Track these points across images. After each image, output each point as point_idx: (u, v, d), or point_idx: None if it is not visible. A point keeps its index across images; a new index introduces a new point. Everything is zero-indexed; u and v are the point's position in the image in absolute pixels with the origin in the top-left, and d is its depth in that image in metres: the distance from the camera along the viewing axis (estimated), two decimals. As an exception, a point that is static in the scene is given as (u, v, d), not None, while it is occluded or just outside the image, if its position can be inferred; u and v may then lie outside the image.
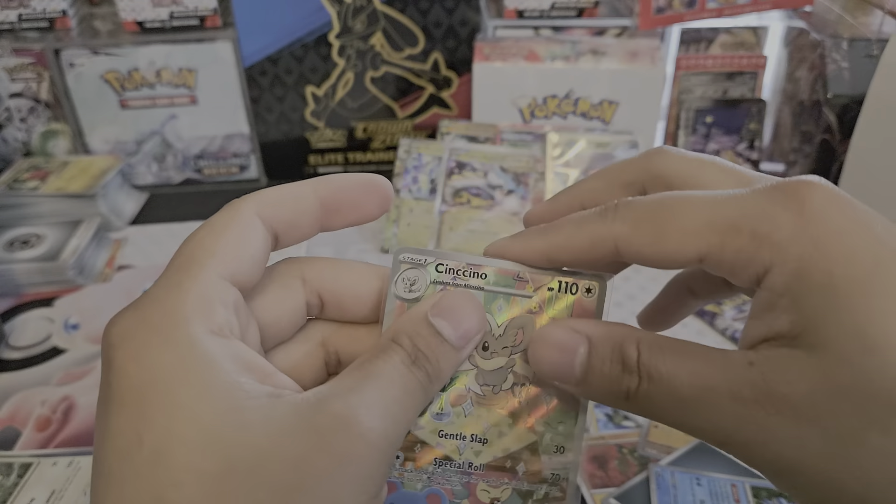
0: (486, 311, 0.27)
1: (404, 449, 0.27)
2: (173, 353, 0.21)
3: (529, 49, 0.73)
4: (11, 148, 0.82)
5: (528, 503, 0.28)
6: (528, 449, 0.28)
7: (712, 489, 0.43)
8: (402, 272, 0.27)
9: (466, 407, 0.27)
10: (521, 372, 0.27)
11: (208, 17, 0.77)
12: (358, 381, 0.23)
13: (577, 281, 0.28)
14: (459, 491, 0.28)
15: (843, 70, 0.64)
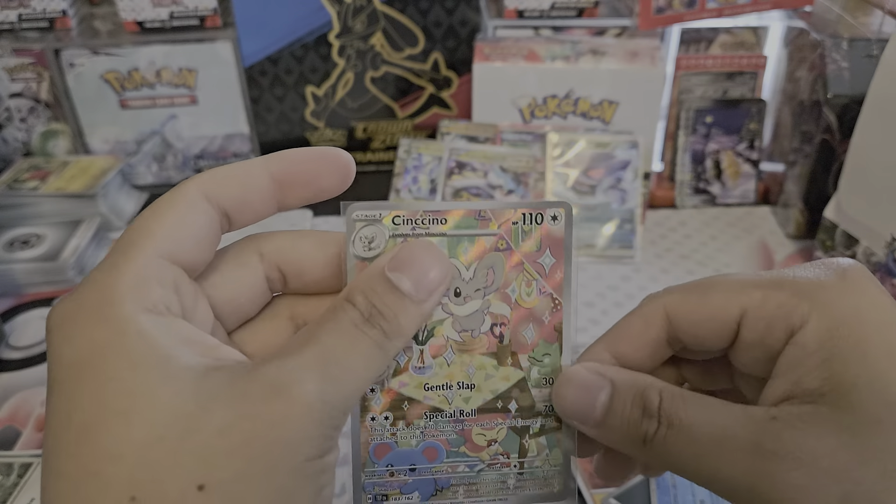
0: (452, 256, 0.26)
1: (392, 409, 0.27)
2: (105, 331, 0.21)
3: (529, 49, 0.73)
4: (11, 148, 0.82)
5: (525, 438, 0.28)
6: (517, 386, 0.28)
7: (712, 489, 0.43)
8: (359, 231, 0.26)
9: (448, 356, 0.27)
10: (497, 311, 0.27)
11: (208, 17, 0.77)
12: (300, 345, 0.23)
13: (541, 210, 0.27)
14: (455, 439, 0.28)
15: (843, 70, 0.64)
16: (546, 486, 0.28)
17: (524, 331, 0.27)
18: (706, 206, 0.78)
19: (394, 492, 0.27)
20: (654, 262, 0.69)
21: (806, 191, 0.69)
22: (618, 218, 0.69)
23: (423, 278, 0.25)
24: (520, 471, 0.28)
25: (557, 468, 0.28)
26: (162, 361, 0.21)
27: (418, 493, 0.27)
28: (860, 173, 0.59)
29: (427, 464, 0.27)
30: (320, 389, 0.22)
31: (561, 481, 0.28)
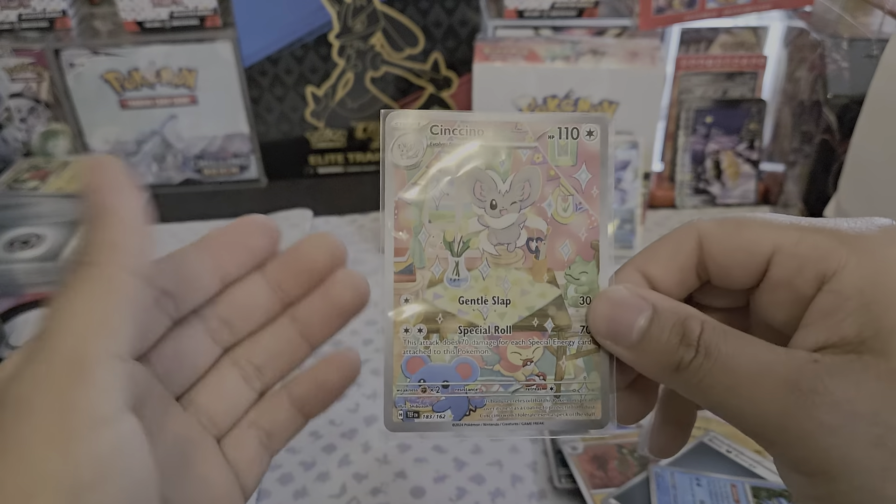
0: (489, 168, 0.26)
1: (426, 321, 0.26)
2: None
3: (529, 49, 0.73)
4: (11, 148, 0.82)
5: (561, 359, 0.27)
6: (554, 304, 0.27)
7: (712, 489, 0.43)
8: (397, 139, 0.26)
9: (483, 269, 0.27)
10: (533, 226, 0.27)
11: (208, 17, 0.77)
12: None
13: (577, 125, 0.27)
14: (489, 357, 0.27)
15: (843, 70, 0.64)
16: (584, 412, 0.27)
17: (560, 247, 0.27)
18: (706, 207, 0.78)
19: (426, 409, 0.27)
20: (654, 262, 0.69)
21: (806, 191, 0.69)
22: (618, 218, 0.69)
23: (99, 186, 0.23)
24: (556, 393, 0.27)
25: (595, 393, 0.27)
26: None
27: (451, 412, 0.27)
28: (860, 173, 0.59)
29: (460, 381, 0.27)
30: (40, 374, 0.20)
31: (600, 407, 0.27)
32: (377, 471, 0.47)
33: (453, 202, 0.27)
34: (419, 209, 0.27)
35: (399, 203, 0.26)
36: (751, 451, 0.46)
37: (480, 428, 0.27)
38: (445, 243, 0.27)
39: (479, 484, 0.46)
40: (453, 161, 0.27)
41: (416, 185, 0.26)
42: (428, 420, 0.27)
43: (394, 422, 0.27)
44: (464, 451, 0.49)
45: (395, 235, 0.26)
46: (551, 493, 0.46)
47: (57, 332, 0.20)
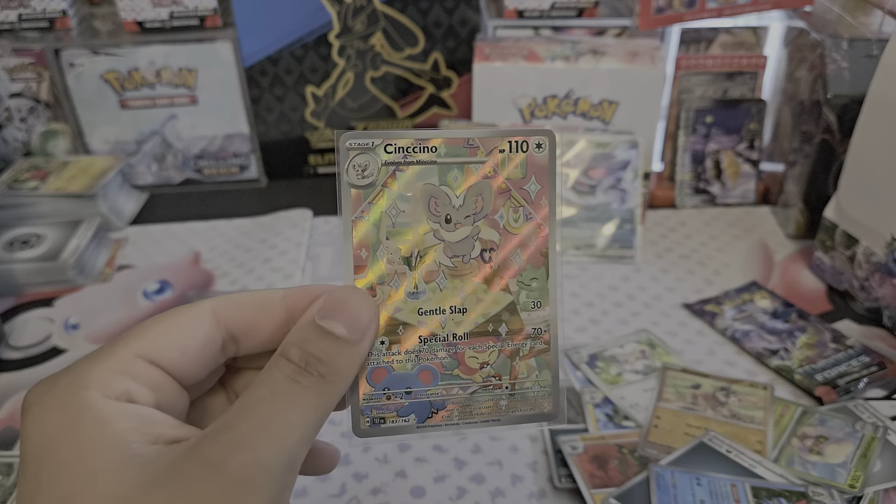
0: (443, 184, 0.28)
1: (387, 333, 0.28)
2: (66, 415, 0.22)
3: (529, 49, 0.73)
4: (11, 148, 0.82)
5: (515, 361, 0.29)
6: (507, 310, 0.29)
7: (712, 489, 0.43)
8: (352, 159, 0.27)
9: (440, 281, 0.28)
10: (486, 237, 0.28)
11: (208, 17, 0.77)
12: (236, 416, 0.23)
13: (526, 138, 0.28)
14: (449, 362, 0.28)
15: (843, 70, 0.64)
16: (536, 407, 0.29)
17: (512, 256, 0.28)
18: (706, 206, 0.78)
19: (391, 415, 0.28)
20: (654, 262, 0.69)
21: (806, 191, 0.69)
22: (618, 218, 0.69)
23: (354, 319, 0.26)
24: (511, 392, 0.29)
25: (547, 389, 0.29)
26: (113, 449, 0.22)
27: (415, 416, 0.28)
28: (860, 173, 0.59)
29: (422, 387, 0.28)
30: (255, 459, 0.22)
31: (551, 402, 0.29)
32: (377, 471, 0.47)
33: (409, 219, 0.28)
34: (376, 227, 0.27)
35: (356, 222, 0.27)
36: (751, 452, 0.46)
37: (443, 428, 0.29)
38: (403, 259, 0.28)
39: (479, 484, 0.46)
40: (408, 179, 0.27)
41: (372, 203, 0.27)
42: (394, 425, 0.28)
43: (361, 428, 0.28)
44: (464, 451, 0.49)
45: (354, 254, 0.27)
46: (551, 493, 0.46)
47: (288, 429, 0.23)
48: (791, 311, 0.61)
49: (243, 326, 0.27)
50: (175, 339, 0.25)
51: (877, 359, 0.55)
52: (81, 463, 0.21)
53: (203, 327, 0.26)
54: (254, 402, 0.24)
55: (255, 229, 0.75)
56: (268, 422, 0.23)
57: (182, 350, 0.25)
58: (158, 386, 0.25)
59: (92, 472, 0.21)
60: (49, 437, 0.22)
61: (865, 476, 0.44)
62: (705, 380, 0.53)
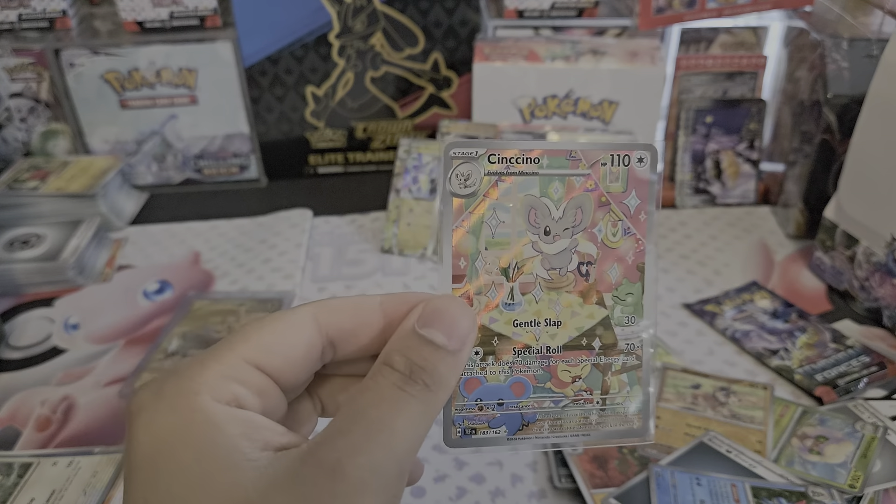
0: (544, 195, 0.27)
1: (482, 344, 0.28)
2: (180, 419, 0.22)
3: (529, 49, 0.73)
4: (11, 148, 0.82)
5: (607, 375, 0.29)
6: (601, 324, 0.28)
7: (712, 489, 0.43)
8: (455, 168, 0.27)
9: (536, 293, 0.28)
10: (584, 250, 0.28)
11: (208, 17, 0.77)
12: (348, 422, 0.23)
13: (628, 152, 0.28)
14: (541, 375, 0.28)
15: (843, 70, 0.64)
16: (626, 423, 0.29)
17: (609, 270, 0.28)
18: (706, 206, 0.78)
19: (482, 426, 0.28)
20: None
21: (806, 191, 0.69)
22: (618, 218, 0.69)
23: (454, 328, 0.26)
24: (602, 407, 0.29)
25: (637, 405, 0.29)
26: (226, 453, 0.22)
27: (505, 427, 0.28)
28: (860, 173, 0.59)
29: (514, 398, 0.28)
30: (371, 463, 0.22)
31: (641, 419, 0.29)
32: (377, 471, 0.47)
33: (509, 229, 0.28)
34: (476, 237, 0.27)
35: (456, 231, 0.27)
36: (751, 452, 0.46)
37: (532, 441, 0.29)
38: (501, 269, 0.28)
39: (479, 483, 0.46)
40: (509, 189, 0.27)
41: (473, 213, 0.27)
42: (484, 436, 0.28)
43: (452, 438, 0.28)
44: (463, 451, 0.49)
45: (454, 262, 0.27)
46: (551, 493, 0.46)
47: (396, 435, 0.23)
48: (791, 311, 0.61)
49: (342, 332, 0.27)
50: (279, 344, 0.25)
51: (877, 359, 0.55)
52: (199, 465, 0.22)
53: (306, 333, 0.26)
54: (363, 409, 0.24)
55: (255, 229, 0.75)
56: (378, 427, 0.23)
57: (286, 356, 0.25)
58: (264, 392, 0.25)
59: (209, 474, 0.21)
60: (163, 440, 0.22)
61: (865, 476, 0.44)
62: (705, 380, 0.53)
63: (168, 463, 0.22)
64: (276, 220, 0.76)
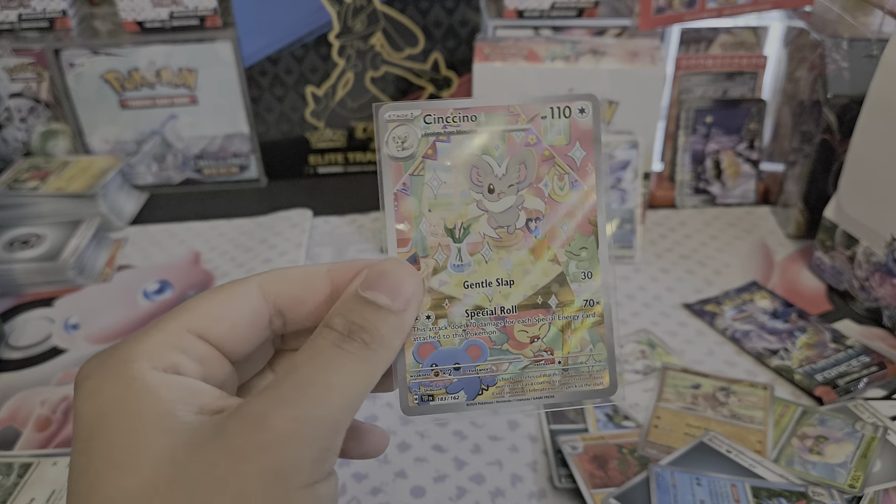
0: (484, 153, 0.27)
1: (433, 307, 0.27)
2: (119, 387, 0.23)
3: (529, 49, 0.73)
4: (11, 148, 0.82)
5: (567, 334, 0.28)
6: (556, 281, 0.28)
7: (712, 489, 0.43)
8: (391, 131, 0.26)
9: (485, 253, 0.27)
10: (531, 206, 0.27)
11: (208, 17, 0.77)
12: (280, 378, 0.24)
13: (569, 104, 0.27)
14: (498, 337, 0.28)
15: (843, 70, 0.64)
16: (592, 383, 0.28)
17: (560, 225, 0.27)
18: (706, 206, 0.78)
19: (439, 391, 0.28)
20: (654, 262, 0.69)
21: (806, 191, 0.69)
22: (618, 218, 0.69)
23: (398, 289, 0.25)
24: (564, 367, 0.28)
25: (602, 363, 0.28)
26: (160, 417, 0.22)
27: (464, 392, 0.28)
28: (860, 173, 0.59)
29: (471, 362, 0.28)
30: (297, 413, 0.22)
31: (608, 377, 0.28)
32: (377, 471, 0.47)
33: (451, 190, 0.27)
34: (418, 199, 0.27)
35: (398, 195, 0.27)
36: (751, 452, 0.46)
37: (493, 405, 0.28)
38: (447, 230, 0.27)
39: (479, 484, 0.46)
40: (448, 149, 0.27)
41: (413, 175, 0.27)
42: (442, 402, 0.28)
43: (410, 406, 0.28)
44: (464, 451, 0.49)
45: (397, 227, 0.27)
46: (551, 493, 0.46)
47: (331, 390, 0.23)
48: (791, 311, 0.61)
49: (289, 301, 0.27)
50: (223, 313, 0.26)
51: (877, 359, 0.55)
52: (134, 430, 0.22)
53: (250, 302, 0.26)
54: (297, 365, 0.24)
55: (255, 229, 0.75)
56: (310, 381, 0.23)
57: (230, 325, 0.26)
58: (206, 360, 0.25)
59: (143, 438, 0.22)
60: (101, 409, 0.23)
61: (865, 476, 0.44)
62: (705, 380, 0.53)
63: (106, 429, 0.22)
64: (276, 220, 0.76)
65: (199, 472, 0.21)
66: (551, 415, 0.51)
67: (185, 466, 0.21)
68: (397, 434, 0.50)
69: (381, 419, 0.51)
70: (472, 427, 0.51)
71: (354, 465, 0.48)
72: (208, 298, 0.26)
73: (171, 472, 0.21)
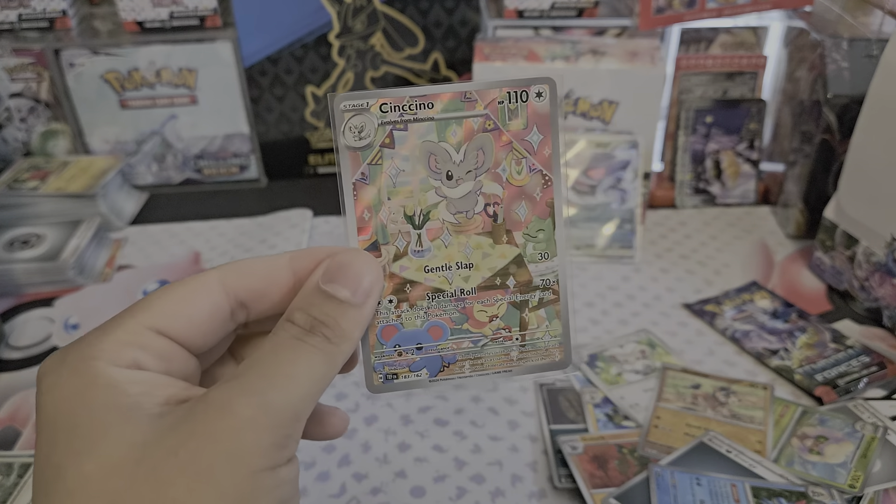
0: (441, 140, 0.27)
1: (395, 292, 0.28)
2: (80, 382, 0.23)
3: (529, 49, 0.73)
4: (11, 148, 0.82)
5: (524, 312, 0.29)
6: (514, 262, 0.28)
7: (712, 489, 0.43)
8: (348, 121, 0.27)
9: (445, 238, 0.28)
10: (489, 191, 0.28)
11: (208, 17, 0.77)
12: (244, 368, 0.24)
13: (525, 87, 0.27)
14: (458, 317, 0.29)
15: (843, 70, 0.64)
16: (548, 356, 0.29)
17: (517, 208, 0.28)
18: (706, 206, 0.78)
19: (403, 370, 0.29)
20: (654, 262, 0.69)
21: (806, 191, 0.69)
22: (618, 218, 0.69)
23: (358, 282, 0.26)
24: (522, 343, 0.29)
25: (557, 339, 0.29)
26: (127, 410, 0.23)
27: (426, 370, 0.29)
28: (860, 173, 0.59)
29: (433, 342, 0.29)
30: (261, 401, 0.23)
31: (562, 351, 0.29)
32: (377, 471, 0.47)
33: (410, 177, 0.27)
34: (377, 188, 0.27)
35: (357, 184, 0.27)
36: (751, 452, 0.46)
37: (455, 381, 0.29)
38: (406, 218, 0.28)
39: (479, 484, 0.46)
40: (406, 137, 0.27)
41: (371, 164, 0.27)
42: (406, 380, 0.29)
43: (375, 385, 0.29)
44: (464, 451, 0.49)
45: (357, 216, 0.27)
46: (551, 493, 0.46)
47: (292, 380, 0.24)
48: (791, 311, 0.61)
49: (251, 293, 0.27)
50: (182, 309, 0.26)
51: (877, 359, 0.55)
52: (94, 421, 0.22)
53: (210, 296, 0.26)
54: (260, 357, 0.24)
55: (255, 229, 0.75)
56: (273, 372, 0.24)
57: (189, 320, 0.26)
58: (167, 355, 0.25)
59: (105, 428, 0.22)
60: (62, 402, 0.23)
61: (865, 476, 0.44)
62: (705, 380, 0.53)
63: (69, 420, 0.22)
64: (276, 220, 0.76)
65: (163, 454, 0.22)
66: (551, 415, 0.51)
67: (150, 449, 0.22)
68: (397, 434, 0.50)
69: (381, 419, 0.51)
70: (473, 427, 0.51)
71: (354, 465, 0.48)
72: (167, 294, 0.26)
73: (135, 455, 0.22)
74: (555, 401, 0.52)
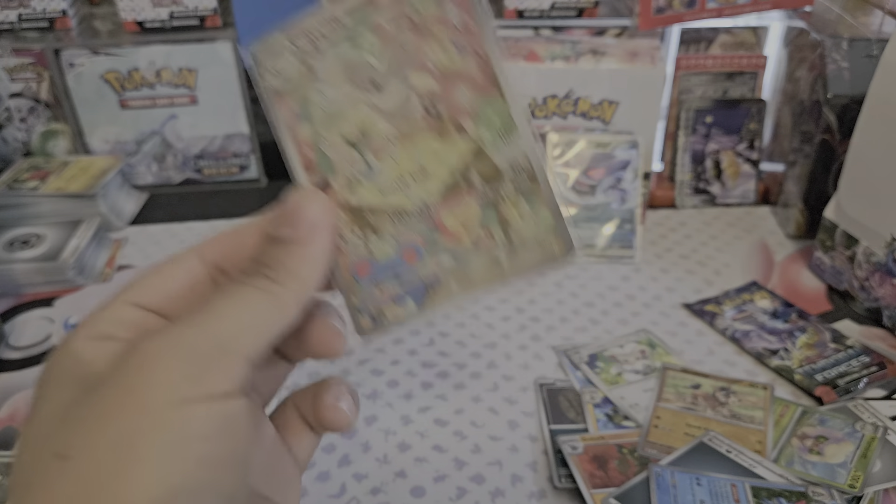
0: (358, 48, 0.25)
1: (358, 224, 0.26)
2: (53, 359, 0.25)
3: (529, 49, 0.73)
4: (11, 148, 0.82)
5: (501, 208, 0.25)
6: (473, 155, 0.25)
7: (712, 489, 0.43)
8: (263, 64, 0.26)
9: (391, 152, 0.26)
10: (423, 88, 0.25)
11: (208, 17, 0.77)
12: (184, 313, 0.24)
13: None
14: (429, 233, 0.26)
15: (843, 70, 0.64)
16: (543, 249, 0.25)
17: (458, 95, 0.25)
18: (706, 206, 0.78)
19: (388, 305, 0.27)
20: (654, 262, 0.69)
21: (806, 191, 0.69)
22: (618, 218, 0.69)
23: (299, 219, 0.25)
24: (509, 243, 0.26)
25: (549, 227, 0.25)
26: (73, 374, 0.23)
27: (411, 299, 0.26)
28: (860, 173, 0.59)
29: (410, 267, 0.26)
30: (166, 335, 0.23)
31: (558, 240, 0.25)
32: (377, 471, 0.47)
33: (339, 101, 0.26)
34: (310, 121, 0.26)
35: (290, 124, 0.27)
36: (751, 452, 0.46)
37: (445, 304, 0.26)
38: (347, 142, 0.26)
39: (479, 484, 0.46)
40: (324, 63, 0.26)
41: (297, 99, 0.26)
42: (395, 315, 0.27)
43: (364, 328, 0.27)
44: (464, 451, 0.49)
45: (299, 155, 0.27)
46: (551, 493, 0.46)
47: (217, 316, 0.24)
48: (791, 311, 0.61)
49: (225, 258, 0.27)
50: (159, 283, 0.26)
51: (877, 359, 0.55)
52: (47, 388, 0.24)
53: (186, 267, 0.27)
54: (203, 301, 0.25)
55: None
56: (214, 310, 0.24)
57: (166, 290, 0.26)
58: (143, 324, 0.26)
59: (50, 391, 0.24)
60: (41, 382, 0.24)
61: (865, 476, 0.44)
62: (705, 380, 0.53)
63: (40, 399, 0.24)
64: (276, 220, 0.76)
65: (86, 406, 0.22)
66: (551, 415, 0.51)
67: (77, 405, 0.22)
68: (397, 434, 0.50)
69: (381, 419, 0.51)
70: (473, 427, 0.51)
71: (354, 465, 0.48)
72: (146, 271, 0.27)
73: (63, 413, 0.22)
74: (555, 401, 0.52)
